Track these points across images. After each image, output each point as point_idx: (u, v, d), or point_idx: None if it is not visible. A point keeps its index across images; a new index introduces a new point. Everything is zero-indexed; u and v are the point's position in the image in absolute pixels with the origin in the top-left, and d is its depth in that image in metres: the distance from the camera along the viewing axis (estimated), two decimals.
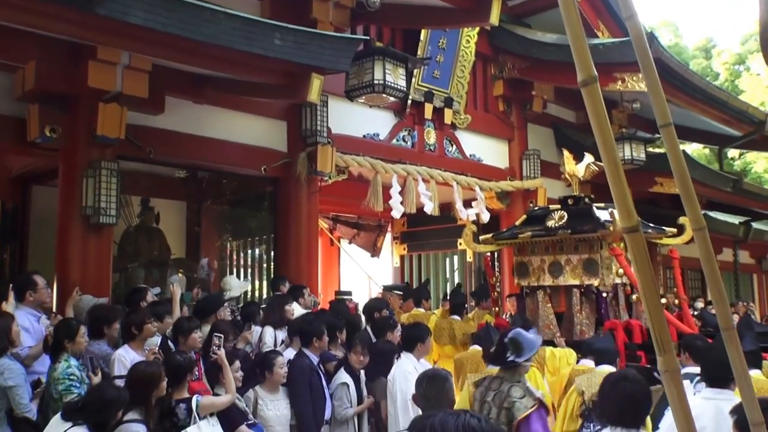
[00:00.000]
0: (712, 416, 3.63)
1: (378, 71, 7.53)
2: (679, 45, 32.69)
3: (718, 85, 25.66)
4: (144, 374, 4.29)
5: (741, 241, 16.22)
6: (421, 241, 13.07)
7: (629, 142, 11.28)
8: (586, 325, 7.27)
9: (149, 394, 4.24)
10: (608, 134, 1.50)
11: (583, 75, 1.51)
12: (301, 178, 8.46)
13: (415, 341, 5.93)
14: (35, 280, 5.59)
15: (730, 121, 12.54)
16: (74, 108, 6.55)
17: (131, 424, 4.08)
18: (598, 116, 1.50)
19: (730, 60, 30.46)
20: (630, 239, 1.46)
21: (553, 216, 7.61)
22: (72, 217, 6.51)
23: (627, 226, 1.49)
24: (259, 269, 10.09)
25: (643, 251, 1.48)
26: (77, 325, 4.99)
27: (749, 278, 18.50)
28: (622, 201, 1.49)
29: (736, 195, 13.77)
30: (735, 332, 1.81)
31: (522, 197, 11.69)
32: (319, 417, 5.62)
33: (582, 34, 1.51)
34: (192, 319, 5.64)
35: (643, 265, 1.46)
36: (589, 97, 1.51)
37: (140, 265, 8.36)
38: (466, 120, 10.96)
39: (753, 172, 25.47)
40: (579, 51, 1.51)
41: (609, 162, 1.49)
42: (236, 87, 7.34)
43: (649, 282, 1.50)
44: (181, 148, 7.73)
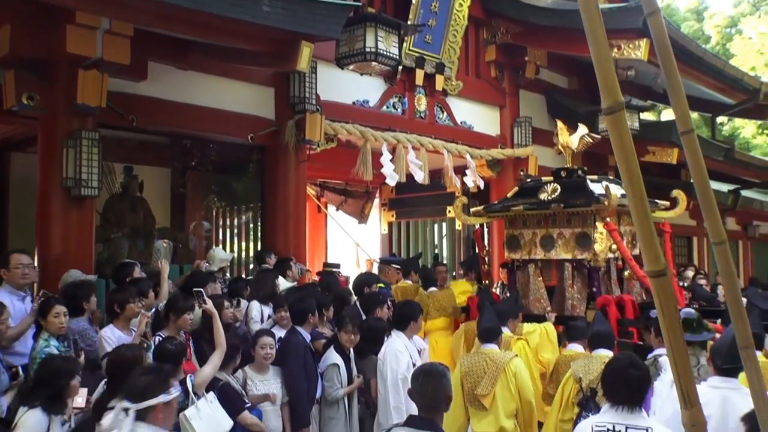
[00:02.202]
0: (719, 405, 3.68)
1: (370, 39, 7.31)
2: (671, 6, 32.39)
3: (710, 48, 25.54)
4: (124, 358, 4.16)
5: (729, 209, 16.25)
6: (410, 208, 12.93)
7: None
8: (577, 299, 7.21)
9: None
10: (634, 166, 1.38)
11: (609, 101, 1.39)
12: (289, 146, 8.29)
13: (408, 320, 5.87)
14: (9, 258, 5.40)
15: (724, 89, 12.38)
16: (52, 75, 6.28)
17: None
18: (624, 146, 1.38)
19: (722, 23, 30.21)
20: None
21: (546, 189, 7.49)
22: (52, 188, 6.30)
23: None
24: (246, 237, 9.96)
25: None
26: (52, 303, 4.82)
27: (735, 244, 18.56)
28: (649, 243, 1.37)
29: (727, 164, 13.68)
30: (753, 351, 1.74)
31: (513, 165, 11.54)
32: (312, 395, 5.59)
33: (609, 58, 1.38)
34: (187, 299, 5.49)
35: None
36: (614, 126, 1.39)
37: (124, 235, 8.16)
38: (458, 86, 10.74)
39: (741, 137, 25.44)
40: (606, 75, 1.38)
41: (636, 204, 1.37)
42: (222, 53, 7.10)
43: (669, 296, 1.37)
44: (165, 116, 7.50)
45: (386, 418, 5.40)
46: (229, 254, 8.42)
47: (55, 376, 3.88)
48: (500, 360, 5.25)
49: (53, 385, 3.84)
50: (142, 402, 3.16)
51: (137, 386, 3.25)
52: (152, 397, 3.20)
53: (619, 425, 3.44)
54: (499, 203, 8.09)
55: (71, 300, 5.11)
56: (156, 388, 3.25)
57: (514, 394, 5.15)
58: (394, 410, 5.36)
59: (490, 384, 5.16)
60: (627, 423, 3.42)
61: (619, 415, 3.47)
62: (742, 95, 12.99)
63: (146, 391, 3.22)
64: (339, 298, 6.93)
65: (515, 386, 5.17)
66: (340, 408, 5.71)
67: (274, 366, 5.44)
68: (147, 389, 3.22)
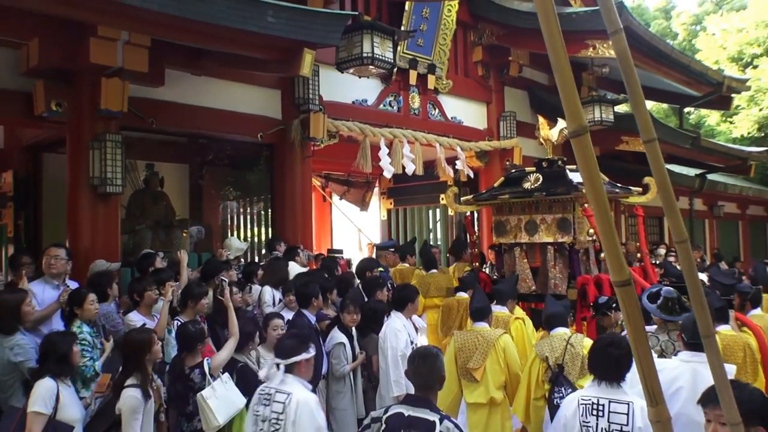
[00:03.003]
0: (689, 378, 3.63)
1: (366, 44, 7.23)
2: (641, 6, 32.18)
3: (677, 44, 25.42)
4: (135, 341, 4.20)
5: (696, 192, 16.28)
6: (407, 196, 12.94)
7: (598, 105, 11.03)
8: (559, 279, 7.20)
9: (142, 359, 4.13)
10: (599, 185, 1.35)
11: (574, 125, 1.34)
12: (295, 143, 8.30)
13: (405, 301, 5.85)
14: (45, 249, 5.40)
15: (690, 82, 12.33)
16: (78, 83, 6.28)
17: (128, 389, 4.01)
18: (589, 167, 1.34)
19: (688, 21, 30.05)
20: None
21: (529, 178, 7.47)
22: (80, 187, 6.30)
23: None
24: (258, 226, 9.94)
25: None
26: (86, 293, 4.84)
27: (702, 223, 18.62)
28: (614, 255, 1.35)
29: (694, 150, 13.67)
30: (715, 341, 1.70)
31: (499, 156, 11.52)
32: (318, 372, 5.55)
33: (573, 84, 1.33)
34: (201, 285, 5.49)
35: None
36: (580, 148, 1.35)
37: (147, 227, 8.14)
38: (448, 85, 10.70)
39: (706, 125, 25.31)
40: (569, 100, 1.34)
41: (602, 219, 1.35)
42: (232, 60, 7.03)
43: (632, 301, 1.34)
44: (182, 118, 7.48)
45: (387, 391, 5.40)
46: (244, 243, 8.41)
47: (55, 346, 3.95)
48: (490, 337, 5.25)
49: (55, 354, 3.91)
50: (290, 358, 3.66)
51: (285, 347, 3.75)
52: (296, 354, 3.70)
53: (603, 399, 3.43)
54: (487, 192, 8.06)
55: (96, 287, 5.13)
56: (299, 348, 3.73)
57: (503, 367, 5.15)
58: (395, 384, 5.36)
59: (481, 358, 5.16)
60: (610, 397, 3.42)
61: (602, 390, 3.47)
62: (707, 88, 12.97)
63: (292, 350, 3.71)
64: (343, 282, 6.94)
65: (504, 360, 5.17)
66: (347, 382, 5.71)
67: None
68: (292, 349, 3.72)
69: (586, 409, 3.45)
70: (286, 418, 3.51)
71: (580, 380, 4.50)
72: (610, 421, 3.37)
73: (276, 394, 3.62)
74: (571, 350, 4.65)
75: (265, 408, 3.63)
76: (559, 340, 4.76)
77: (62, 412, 3.80)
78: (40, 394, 3.76)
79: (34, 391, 3.80)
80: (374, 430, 3.19)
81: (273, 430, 3.55)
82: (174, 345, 5.08)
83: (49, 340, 4.06)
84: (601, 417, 3.39)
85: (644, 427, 3.24)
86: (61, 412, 3.79)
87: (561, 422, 3.59)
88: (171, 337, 5.16)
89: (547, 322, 5.11)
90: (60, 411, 3.79)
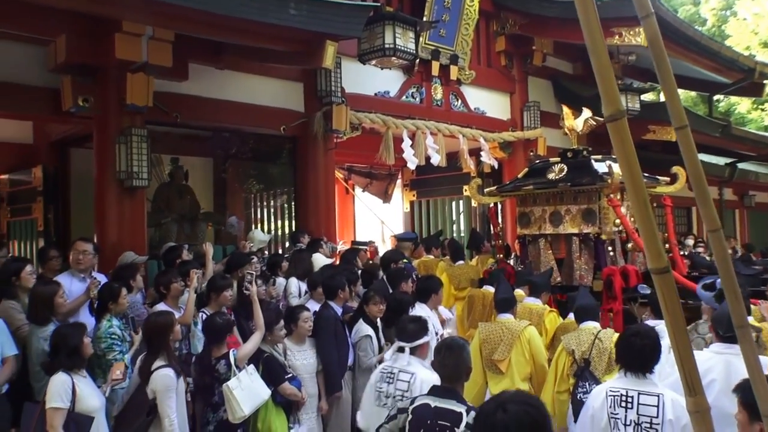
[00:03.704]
0: (722, 369, 3.60)
1: (388, 36, 7.28)
2: None
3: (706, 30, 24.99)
4: (157, 324, 4.34)
5: (726, 181, 16.03)
6: (429, 188, 12.92)
7: (625, 93, 10.93)
8: (584, 270, 7.19)
9: (166, 340, 4.29)
10: (637, 171, 1.33)
11: (611, 110, 1.33)
12: (318, 136, 8.33)
13: (429, 292, 5.88)
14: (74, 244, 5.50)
15: (720, 69, 12.15)
16: (104, 79, 6.37)
17: (161, 369, 4.14)
18: (626, 153, 1.32)
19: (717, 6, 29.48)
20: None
21: (554, 169, 7.46)
22: (107, 181, 6.41)
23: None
24: (282, 218, 10.01)
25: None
26: (119, 288, 4.94)
27: (732, 213, 18.36)
28: (652, 242, 1.35)
29: (724, 139, 13.46)
30: (749, 330, 1.68)
31: (523, 146, 11.46)
32: (343, 363, 5.62)
33: (609, 68, 1.33)
34: (225, 278, 5.57)
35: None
36: (617, 132, 1.33)
37: (172, 220, 8.26)
38: (471, 75, 10.67)
39: (737, 113, 24.91)
40: (606, 84, 1.33)
41: (640, 208, 1.33)
42: (255, 54, 7.10)
43: (677, 315, 1.36)
44: (206, 112, 7.55)
45: None
46: (267, 236, 8.47)
47: (65, 339, 4.01)
48: (515, 328, 5.24)
49: (66, 347, 3.97)
50: (414, 342, 3.96)
51: (409, 331, 4.02)
52: (419, 338, 4.00)
53: (632, 391, 3.39)
54: (511, 183, 8.06)
55: (121, 280, 5.22)
56: (421, 333, 4.03)
57: (528, 359, 5.14)
58: None
59: (506, 350, 5.16)
60: (639, 389, 3.38)
61: (630, 382, 3.43)
62: (737, 74, 12.75)
63: (415, 334, 4.00)
64: (368, 273, 6.99)
65: (529, 352, 5.16)
66: None
67: (310, 338, 5.49)
68: (416, 333, 4.01)
69: (614, 401, 3.42)
70: (411, 395, 3.74)
71: (605, 376, 4.44)
72: (639, 414, 3.33)
73: (399, 374, 3.91)
74: (599, 345, 4.60)
75: (388, 386, 3.93)
76: (587, 334, 4.70)
77: (81, 403, 3.88)
78: (56, 390, 3.82)
79: (49, 387, 3.86)
80: (401, 421, 3.20)
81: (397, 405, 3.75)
82: (200, 337, 5.16)
83: (59, 333, 4.11)
84: (630, 409, 3.35)
85: (675, 420, 3.19)
86: (79, 403, 3.87)
87: (588, 414, 3.56)
88: (197, 329, 5.24)
89: (577, 315, 5.07)
90: (78, 403, 3.86)
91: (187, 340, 5.19)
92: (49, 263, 5.72)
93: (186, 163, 9.18)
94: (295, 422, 5.02)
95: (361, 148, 9.95)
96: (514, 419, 1.96)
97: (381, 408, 3.89)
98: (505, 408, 1.99)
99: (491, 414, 2.01)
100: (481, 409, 2.14)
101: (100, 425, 4.02)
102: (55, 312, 4.66)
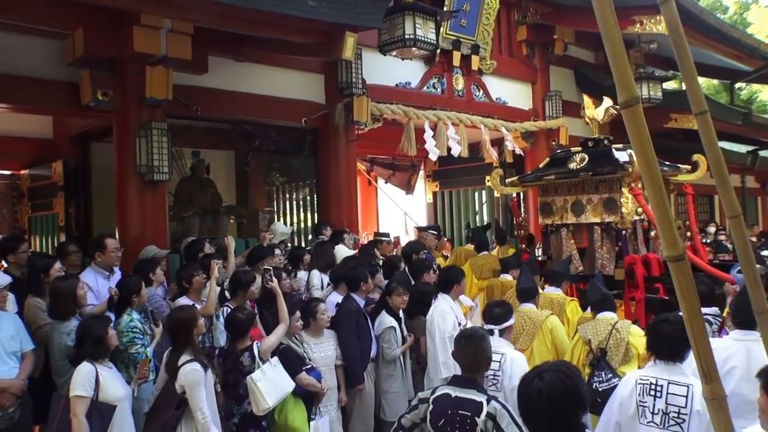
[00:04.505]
0: (743, 357, 3.53)
1: (408, 26, 7.15)
2: None
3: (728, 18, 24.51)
4: (180, 319, 4.30)
5: (748, 169, 15.76)
6: (452, 179, 12.83)
7: (646, 82, 10.73)
8: (606, 259, 7.07)
9: (191, 335, 4.25)
10: (651, 157, 1.32)
11: (625, 96, 1.32)
12: (339, 127, 8.26)
13: (452, 283, 5.77)
14: (105, 243, 5.46)
15: (741, 57, 11.90)
16: (123, 72, 6.29)
17: (188, 364, 4.09)
18: (641, 138, 1.32)
19: None
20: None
21: (575, 158, 7.33)
22: (128, 175, 6.33)
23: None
24: (304, 210, 9.94)
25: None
26: (139, 281, 4.89)
27: (754, 201, 18.10)
28: (668, 230, 1.27)
29: (746, 126, 13.19)
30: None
31: (545, 136, 11.29)
32: (365, 355, 5.56)
33: (623, 55, 1.30)
34: (248, 273, 5.50)
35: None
36: (631, 119, 1.32)
37: (194, 213, 8.21)
38: (492, 65, 10.51)
39: (759, 100, 24.47)
40: (620, 71, 1.32)
41: (655, 194, 1.31)
42: (275, 46, 7.02)
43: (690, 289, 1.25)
44: (226, 105, 7.47)
45: (436, 373, 5.32)
46: (288, 228, 8.41)
47: (90, 330, 4.03)
48: (537, 318, 5.19)
49: (91, 338, 3.99)
50: (502, 324, 4.29)
51: (497, 314, 4.32)
52: (506, 321, 4.34)
53: (662, 380, 3.31)
54: (532, 173, 7.92)
55: (141, 274, 5.18)
56: (507, 316, 4.36)
57: (551, 348, 5.08)
58: (443, 365, 5.26)
59: (528, 340, 5.11)
60: (669, 378, 3.29)
61: (661, 370, 3.35)
62: (759, 62, 12.53)
63: (503, 317, 4.33)
64: (389, 264, 6.89)
65: (551, 341, 5.10)
66: (397, 366, 5.69)
67: (329, 330, 5.42)
68: (503, 316, 4.33)
69: (644, 388, 3.34)
70: (503, 374, 4.07)
71: (622, 367, 4.44)
72: (668, 403, 3.25)
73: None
74: (617, 335, 4.57)
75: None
76: (605, 325, 4.68)
77: (104, 392, 3.88)
78: (80, 379, 3.84)
79: (74, 376, 3.88)
80: (422, 411, 3.20)
81: (490, 385, 3.97)
82: (222, 330, 5.10)
83: (85, 324, 4.14)
84: (659, 398, 3.27)
85: (703, 411, 3.09)
86: (102, 393, 3.87)
87: (617, 401, 3.48)
88: (219, 322, 5.18)
89: (594, 305, 5.00)
90: (102, 392, 3.87)
91: (210, 333, 5.13)
92: (69, 258, 5.69)
93: (207, 156, 9.13)
94: (317, 414, 4.95)
95: (383, 140, 9.83)
96: (549, 386, 2.26)
97: None
98: (542, 376, 2.30)
99: (530, 381, 2.33)
100: (523, 378, 2.42)
101: (124, 414, 4.01)
102: (78, 304, 4.62)
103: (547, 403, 2.24)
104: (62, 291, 4.59)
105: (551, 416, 2.25)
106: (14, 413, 4.37)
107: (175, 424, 4.08)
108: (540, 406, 2.26)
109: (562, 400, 2.25)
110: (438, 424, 3.10)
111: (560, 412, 2.25)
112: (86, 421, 3.76)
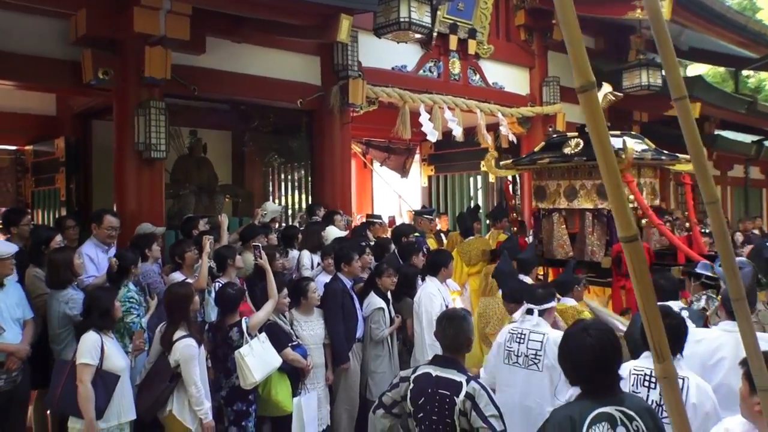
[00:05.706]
0: (732, 348, 3.59)
1: (404, 9, 7.24)
2: None
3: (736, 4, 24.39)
4: (178, 294, 4.49)
5: (753, 159, 15.70)
6: (447, 163, 12.91)
7: (646, 68, 10.78)
8: (596, 246, 7.17)
9: (187, 310, 4.44)
10: (605, 139, 1.40)
11: (581, 81, 1.38)
12: (334, 110, 8.37)
13: (439, 266, 5.92)
14: (102, 218, 5.65)
15: (747, 43, 11.81)
16: (123, 52, 6.46)
17: (184, 339, 4.29)
18: (596, 122, 1.39)
19: None
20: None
21: (570, 143, 7.40)
22: (127, 152, 6.52)
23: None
24: (299, 193, 10.09)
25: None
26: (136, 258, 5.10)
27: (758, 192, 18.01)
28: (621, 211, 1.40)
29: (751, 116, 13.19)
30: (746, 304, 1.72)
31: (542, 122, 11.35)
32: (350, 336, 5.69)
33: (580, 40, 1.38)
34: (229, 248, 5.72)
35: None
36: (587, 103, 1.39)
37: (191, 191, 8.39)
38: (489, 50, 10.60)
39: (767, 89, 24.41)
40: (577, 57, 1.37)
41: (609, 176, 1.40)
42: (271, 27, 7.15)
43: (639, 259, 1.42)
44: (223, 85, 7.62)
45: (422, 354, 5.47)
46: (278, 206, 8.56)
47: (98, 301, 4.23)
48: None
49: (98, 309, 4.19)
50: (543, 305, 4.32)
51: (538, 295, 4.40)
52: (547, 302, 4.38)
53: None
54: (527, 157, 8.02)
55: (138, 249, 5.41)
56: (549, 297, 4.44)
57: None
58: (429, 347, 5.39)
59: (498, 325, 5.22)
60: None
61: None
62: (766, 49, 12.33)
63: (544, 298, 4.38)
64: (379, 246, 7.06)
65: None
66: (385, 346, 5.83)
67: (318, 308, 5.59)
68: (544, 297, 4.39)
69: (637, 379, 3.36)
70: (544, 354, 4.11)
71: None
72: (662, 395, 3.30)
73: (531, 334, 4.22)
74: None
75: (519, 345, 4.23)
76: (568, 311, 4.85)
77: (108, 362, 4.10)
78: (87, 347, 4.05)
79: (80, 344, 4.09)
80: (402, 389, 3.31)
81: (531, 363, 4.13)
82: (214, 306, 5.29)
83: (92, 295, 4.34)
84: (653, 389, 3.28)
85: (698, 405, 3.14)
86: (106, 362, 4.09)
87: None
88: (210, 297, 5.37)
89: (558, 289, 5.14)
90: (106, 361, 4.08)
91: (201, 307, 5.32)
92: (67, 232, 5.89)
93: (205, 135, 9.29)
94: (303, 390, 5.14)
95: (378, 123, 9.95)
96: (598, 341, 2.53)
97: (512, 366, 4.23)
98: (589, 332, 2.57)
99: (578, 337, 2.59)
100: (568, 333, 2.72)
101: (124, 384, 4.22)
102: (75, 273, 4.83)
103: (599, 354, 2.52)
104: (59, 261, 4.81)
105: (596, 366, 2.52)
106: (17, 377, 4.62)
107: (168, 396, 4.29)
108: (588, 359, 2.52)
109: (609, 352, 2.54)
110: (418, 403, 3.21)
111: (608, 363, 2.54)
112: (92, 388, 3.99)
